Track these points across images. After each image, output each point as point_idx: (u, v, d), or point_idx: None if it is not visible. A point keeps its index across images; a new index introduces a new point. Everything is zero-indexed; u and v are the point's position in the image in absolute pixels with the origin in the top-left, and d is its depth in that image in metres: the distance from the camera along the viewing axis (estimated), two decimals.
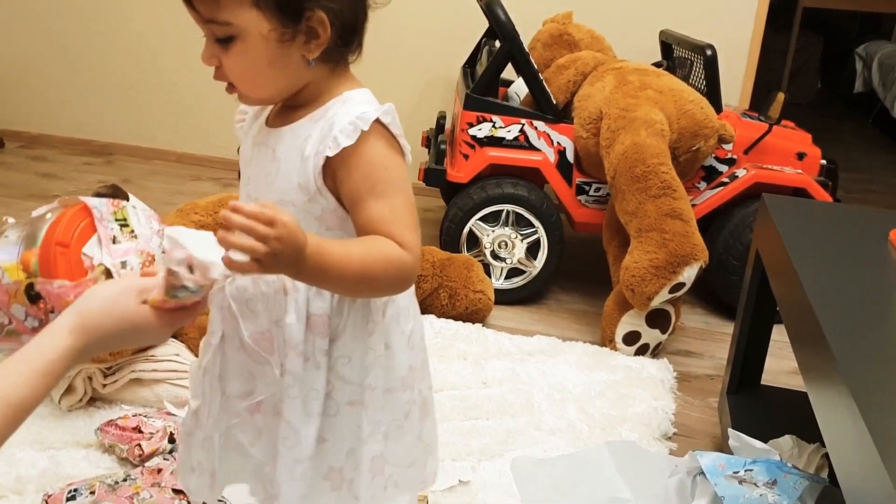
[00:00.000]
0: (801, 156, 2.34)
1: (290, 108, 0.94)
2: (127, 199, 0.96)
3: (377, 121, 0.88)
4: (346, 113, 0.89)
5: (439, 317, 2.18)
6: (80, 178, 3.16)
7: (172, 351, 1.70)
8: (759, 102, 2.58)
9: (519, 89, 2.50)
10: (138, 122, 3.55)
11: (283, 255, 0.76)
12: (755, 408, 1.70)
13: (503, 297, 2.32)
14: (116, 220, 0.91)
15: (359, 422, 0.98)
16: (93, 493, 1.35)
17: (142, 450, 1.48)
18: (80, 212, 0.90)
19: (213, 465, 1.02)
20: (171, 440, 1.51)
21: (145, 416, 1.56)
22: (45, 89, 3.60)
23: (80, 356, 0.80)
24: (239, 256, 0.74)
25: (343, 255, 0.84)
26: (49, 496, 1.35)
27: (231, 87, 0.91)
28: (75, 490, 1.35)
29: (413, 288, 1.02)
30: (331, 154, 0.87)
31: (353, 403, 0.97)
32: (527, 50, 2.31)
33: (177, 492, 1.35)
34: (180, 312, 0.86)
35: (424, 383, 1.07)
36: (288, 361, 0.94)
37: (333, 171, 0.88)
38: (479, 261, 2.29)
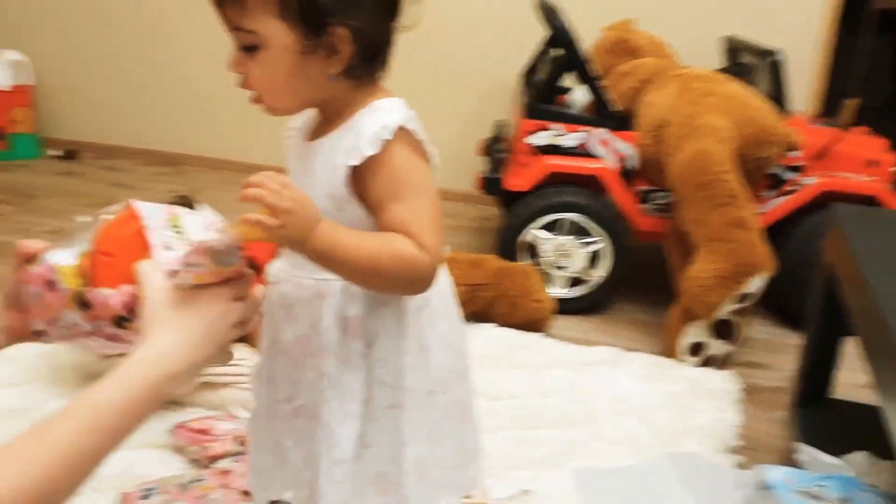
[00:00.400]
0: (873, 163, 2.28)
1: (325, 121, 0.96)
2: (192, 207, 0.98)
3: (401, 128, 0.90)
4: (372, 122, 0.90)
5: (499, 326, 2.18)
6: (152, 187, 3.25)
7: (238, 355, 1.74)
8: (830, 108, 2.52)
9: (579, 97, 2.49)
10: (208, 132, 3.64)
11: (296, 217, 0.82)
12: (825, 422, 1.65)
13: (564, 307, 2.31)
14: (172, 227, 0.90)
15: (399, 424, 0.99)
16: (165, 492, 1.39)
17: (211, 451, 1.52)
18: (128, 219, 0.89)
19: (270, 467, 1.05)
20: (241, 443, 1.54)
21: (215, 419, 1.60)
22: (117, 102, 3.72)
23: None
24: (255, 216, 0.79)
25: (355, 241, 0.87)
26: (125, 494, 1.40)
27: (256, 96, 0.93)
28: (149, 489, 1.40)
29: (450, 291, 1.04)
30: (355, 163, 0.88)
31: (392, 406, 0.98)
32: (587, 58, 2.30)
33: (245, 493, 1.38)
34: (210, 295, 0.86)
35: (464, 388, 1.07)
36: (325, 364, 0.96)
37: (359, 179, 0.90)
38: (539, 270, 2.28)
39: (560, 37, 2.25)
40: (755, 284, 1.94)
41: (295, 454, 1.02)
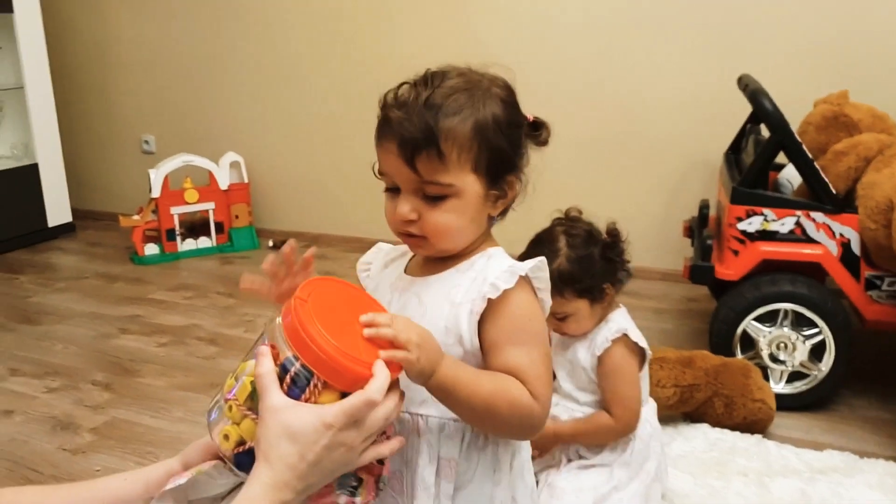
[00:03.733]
0: None
1: (435, 260, 0.99)
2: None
3: (527, 274, 0.93)
4: (495, 266, 0.94)
5: (714, 426, 2.06)
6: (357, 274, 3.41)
7: None
8: None
9: (791, 176, 2.36)
10: None
11: (424, 350, 0.84)
12: None
13: (785, 403, 2.15)
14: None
15: None
16: None
17: None
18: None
19: None
20: None
21: None
22: (321, 193, 3.98)
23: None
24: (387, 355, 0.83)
25: (475, 379, 0.89)
26: None
27: (415, 239, 0.96)
28: None
29: (529, 442, 1.04)
30: (493, 297, 0.91)
31: None
32: (798, 138, 2.17)
33: None
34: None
35: None
36: (417, 502, 0.95)
37: (481, 319, 0.93)
38: (756, 364, 2.15)
39: (769, 121, 2.15)
40: None
41: None
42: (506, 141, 0.93)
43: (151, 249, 3.80)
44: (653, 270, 3.28)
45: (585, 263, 1.59)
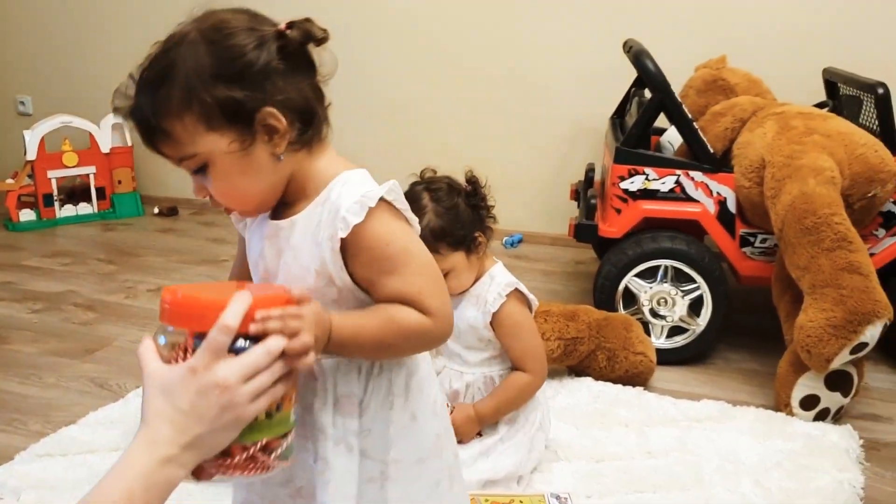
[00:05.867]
0: None
1: (292, 200, 0.95)
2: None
3: (382, 198, 0.89)
4: (349, 193, 0.89)
5: (597, 380, 2.11)
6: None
7: None
8: None
9: (672, 138, 2.42)
10: None
11: (313, 323, 0.83)
12: None
13: (665, 357, 2.22)
14: None
15: (384, 497, 0.98)
16: None
17: None
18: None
19: None
20: None
21: None
22: None
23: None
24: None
25: (361, 324, 0.89)
26: None
27: (228, 210, 0.94)
28: None
29: (428, 354, 1.04)
30: (343, 235, 0.88)
31: (372, 480, 0.97)
32: (679, 99, 2.23)
33: None
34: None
35: (450, 450, 1.07)
36: (319, 446, 0.95)
37: (345, 254, 0.90)
38: (637, 319, 2.21)
39: (651, 81, 2.20)
40: (871, 333, 1.82)
41: None
42: (225, 84, 0.85)
43: (27, 216, 3.60)
44: (542, 235, 3.33)
45: (453, 214, 1.58)
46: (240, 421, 0.80)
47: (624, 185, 2.23)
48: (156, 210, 3.81)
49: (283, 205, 0.96)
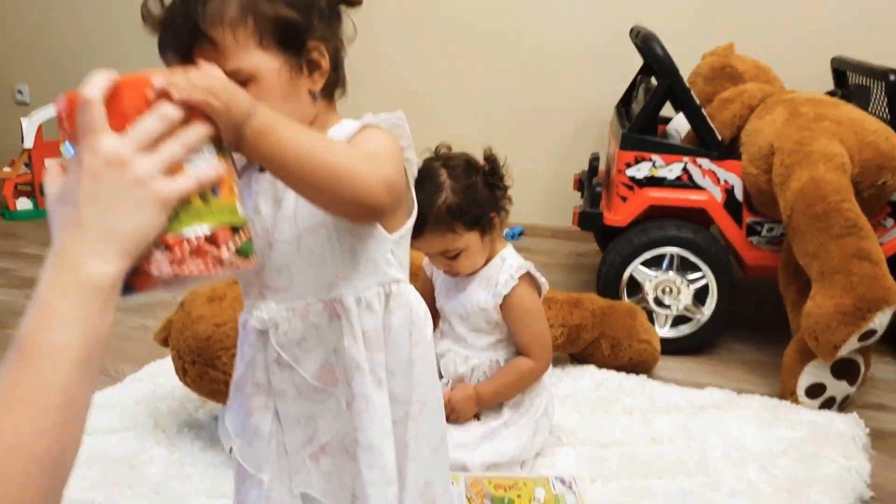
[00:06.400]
0: None
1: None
2: None
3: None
4: (341, 128, 0.91)
5: (600, 368, 2.08)
6: None
7: None
8: None
9: (679, 126, 2.40)
10: None
11: (231, 106, 0.71)
12: None
13: (669, 347, 2.19)
14: None
15: (405, 440, 0.97)
16: None
17: None
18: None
19: None
20: None
21: None
22: None
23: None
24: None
25: (294, 128, 0.76)
26: None
27: None
28: None
29: (430, 326, 1.00)
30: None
31: (396, 422, 0.96)
32: (687, 85, 2.21)
33: None
34: None
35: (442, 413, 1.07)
36: (355, 385, 0.92)
37: None
38: (642, 308, 2.18)
39: (659, 65, 2.17)
40: (880, 320, 1.79)
41: (329, 499, 0.98)
42: (285, 5, 0.85)
43: (24, 204, 3.58)
44: (544, 227, 3.31)
45: (471, 193, 1.56)
46: (158, 199, 0.67)
47: (630, 172, 2.21)
48: None
49: None
